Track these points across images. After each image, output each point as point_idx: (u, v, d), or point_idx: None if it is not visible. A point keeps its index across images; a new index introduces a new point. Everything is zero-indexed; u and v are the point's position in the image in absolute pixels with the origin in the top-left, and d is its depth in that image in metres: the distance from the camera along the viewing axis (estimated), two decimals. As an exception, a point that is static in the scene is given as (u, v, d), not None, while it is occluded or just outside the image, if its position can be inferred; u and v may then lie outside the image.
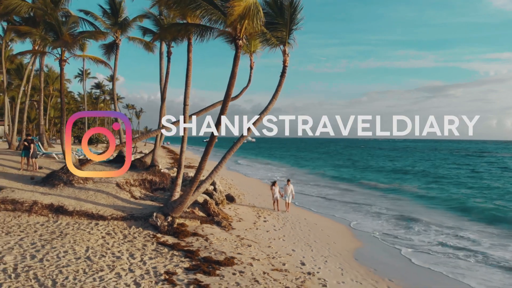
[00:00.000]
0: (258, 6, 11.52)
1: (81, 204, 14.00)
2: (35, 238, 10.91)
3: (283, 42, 15.09)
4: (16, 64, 43.70)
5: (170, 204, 13.91)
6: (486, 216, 21.33)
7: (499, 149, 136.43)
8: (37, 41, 25.49)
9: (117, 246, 10.90)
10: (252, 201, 22.48)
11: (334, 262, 12.32)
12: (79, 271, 8.68)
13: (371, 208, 23.03)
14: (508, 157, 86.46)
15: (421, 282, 11.47)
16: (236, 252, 11.67)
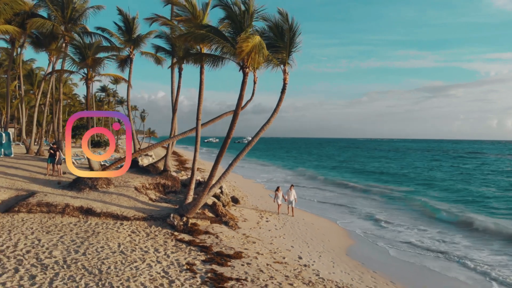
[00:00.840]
0: (262, 44, 13.44)
1: (107, 206, 15.98)
2: (73, 236, 12.87)
3: (283, 62, 16.99)
4: (27, 70, 45.73)
5: (185, 206, 15.87)
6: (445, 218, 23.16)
7: (493, 150, 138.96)
8: (53, 53, 27.49)
9: (143, 242, 12.87)
10: (255, 202, 24.46)
11: (327, 256, 14.32)
12: (117, 262, 10.64)
13: (363, 209, 25.03)
14: (495, 158, 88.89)
15: (401, 273, 13.46)
16: (243, 247, 13.63)
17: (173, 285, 9.43)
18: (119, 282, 9.25)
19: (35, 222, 14.14)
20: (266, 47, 16.14)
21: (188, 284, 9.53)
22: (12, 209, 15.11)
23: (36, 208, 15.21)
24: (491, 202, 29.23)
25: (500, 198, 30.97)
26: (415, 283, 12.66)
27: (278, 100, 17.27)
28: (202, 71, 16.14)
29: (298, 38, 16.91)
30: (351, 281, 11.87)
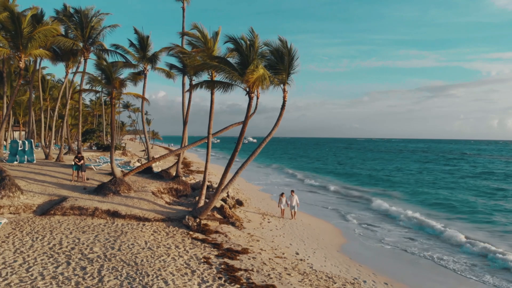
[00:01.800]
0: (265, 75, 15.84)
1: (130, 209, 18.39)
2: (105, 235, 15.27)
3: (283, 82, 19.35)
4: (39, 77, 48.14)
5: (198, 210, 18.27)
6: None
7: (489, 151, 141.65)
8: (70, 64, 29.89)
9: (164, 240, 15.27)
10: (257, 205, 26.85)
11: (320, 252, 16.72)
12: (148, 256, 13.04)
13: (354, 211, 27.42)
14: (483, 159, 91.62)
15: (383, 265, 15.84)
16: (249, 245, 16.03)
17: (195, 274, 11.83)
18: (153, 271, 11.66)
19: (70, 224, 16.55)
20: (267, 68, 18.61)
21: (206, 273, 11.93)
22: (49, 212, 17.53)
23: (70, 211, 17.63)
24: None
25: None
26: (394, 273, 15.03)
27: (278, 115, 19.66)
28: (213, 94, 18.52)
29: (296, 62, 19.28)
30: (339, 272, 14.28)
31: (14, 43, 18.16)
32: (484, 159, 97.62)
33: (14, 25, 18.07)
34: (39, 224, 16.21)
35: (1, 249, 12.85)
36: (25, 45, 18.24)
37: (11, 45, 18.23)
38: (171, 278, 11.25)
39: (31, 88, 29.41)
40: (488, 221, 25.54)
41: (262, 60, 18.02)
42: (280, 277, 12.34)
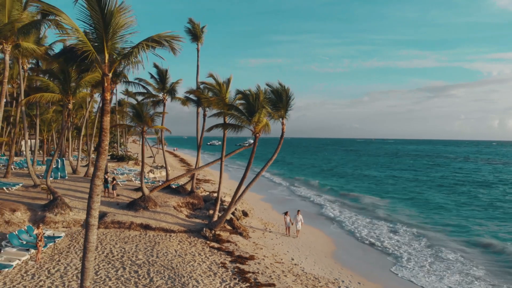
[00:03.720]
0: (268, 124, 20.19)
1: (158, 223, 22.76)
2: (143, 245, 19.62)
3: (281, 117, 23.65)
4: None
5: (213, 223, 22.63)
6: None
7: (487, 154, 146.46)
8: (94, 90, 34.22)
9: (189, 249, 19.62)
10: (260, 215, 31.17)
11: (311, 258, 21.08)
12: (180, 262, 17.37)
13: (346, 219, 31.74)
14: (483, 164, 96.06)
15: (362, 267, 20.14)
16: (254, 252, 20.36)
17: (216, 275, 16.18)
18: (186, 273, 16.01)
19: (113, 235, 20.91)
20: (268, 105, 22.93)
21: (225, 275, 16.28)
22: (94, 226, 21.87)
23: (111, 225, 22.00)
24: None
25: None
26: (368, 275, 19.33)
27: (278, 143, 23.94)
28: (225, 133, 22.77)
29: (292, 101, 23.70)
30: (324, 274, 18.62)
31: (64, 89, 22.43)
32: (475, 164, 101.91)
33: (64, 74, 22.36)
34: (89, 236, 20.58)
35: (70, 258, 17.23)
36: (73, 91, 22.56)
37: (61, 91, 22.51)
38: (200, 278, 15.61)
39: (68, 121, 33.66)
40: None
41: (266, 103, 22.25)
42: (279, 278, 16.69)
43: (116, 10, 7.81)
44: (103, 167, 9.26)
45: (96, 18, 7.79)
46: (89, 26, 8.05)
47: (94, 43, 8.11)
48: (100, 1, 7.59)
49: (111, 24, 7.83)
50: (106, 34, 7.94)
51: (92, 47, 8.00)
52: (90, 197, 9.32)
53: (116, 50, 8.42)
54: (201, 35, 28.93)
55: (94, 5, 7.69)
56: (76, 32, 7.93)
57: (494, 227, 30.03)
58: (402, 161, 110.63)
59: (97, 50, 8.09)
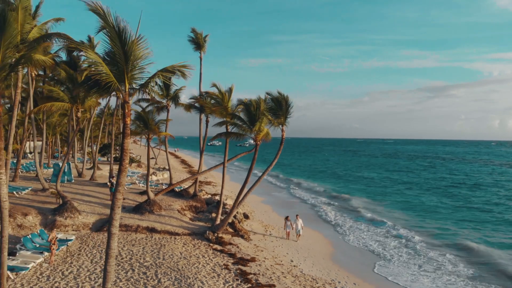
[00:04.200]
0: (269, 132, 21.21)
1: (163, 226, 23.77)
2: (150, 247, 20.63)
3: (281, 124, 24.69)
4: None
5: (216, 226, 23.65)
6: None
7: (485, 155, 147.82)
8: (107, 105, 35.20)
9: (193, 251, 20.63)
10: (260, 217, 32.17)
11: (310, 260, 22.08)
12: (185, 264, 18.39)
13: (344, 220, 32.76)
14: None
15: (359, 268, 21.17)
16: (255, 254, 21.37)
17: (220, 276, 17.20)
18: (191, 275, 17.03)
19: (121, 238, 21.91)
20: (269, 112, 23.93)
21: (228, 276, 17.29)
22: (102, 229, 22.90)
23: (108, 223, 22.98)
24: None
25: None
26: (367, 275, 20.33)
27: (277, 150, 24.92)
28: (227, 141, 23.77)
29: (291, 109, 24.72)
30: (322, 275, 19.63)
31: (72, 98, 23.41)
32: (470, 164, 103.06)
33: (73, 83, 23.34)
34: (98, 239, 21.60)
35: (81, 260, 18.25)
36: (82, 99, 23.57)
37: (70, 100, 23.48)
38: (205, 279, 16.63)
39: (77, 129, 34.66)
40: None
41: (266, 111, 23.25)
42: (278, 279, 17.71)
43: (134, 42, 8.79)
44: (124, 183, 10.26)
45: (118, 52, 8.79)
46: (111, 59, 9.05)
47: (115, 74, 9.11)
48: (122, 38, 8.59)
49: (130, 57, 8.82)
50: (126, 66, 8.94)
51: (114, 78, 9.00)
52: (112, 209, 10.33)
53: (135, 80, 9.41)
54: (203, 44, 29.94)
55: (116, 41, 8.67)
56: (100, 65, 8.94)
57: (483, 231, 30.96)
58: (399, 162, 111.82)
59: (118, 80, 9.10)
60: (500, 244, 26.93)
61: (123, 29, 8.65)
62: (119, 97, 9.38)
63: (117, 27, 8.63)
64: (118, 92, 9.33)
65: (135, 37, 8.83)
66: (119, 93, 9.31)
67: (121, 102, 9.43)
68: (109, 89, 9.18)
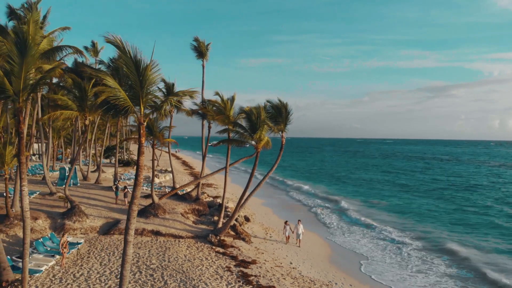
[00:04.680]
0: (269, 141, 22.15)
1: (168, 229, 24.71)
2: (155, 250, 21.56)
3: (281, 130, 25.61)
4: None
5: (218, 229, 24.59)
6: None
7: (474, 155, 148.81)
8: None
9: (197, 254, 21.57)
10: (261, 219, 33.11)
11: (308, 262, 23.03)
12: (189, 266, 19.33)
13: (342, 222, 33.71)
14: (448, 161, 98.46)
15: (354, 271, 22.11)
16: (256, 257, 22.30)
17: (223, 278, 18.14)
18: (196, 276, 17.97)
19: (127, 241, 22.84)
20: (269, 119, 24.87)
21: (230, 278, 18.24)
22: (109, 233, 23.85)
23: (124, 231, 23.92)
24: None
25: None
26: (363, 277, 21.27)
27: (278, 155, 25.79)
28: (229, 148, 24.75)
29: (291, 116, 25.62)
30: (319, 276, 20.58)
31: (80, 106, 24.35)
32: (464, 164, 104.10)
33: (81, 92, 24.28)
34: (105, 242, 22.55)
35: (91, 263, 19.20)
36: (90, 108, 24.52)
37: (78, 108, 24.42)
38: (209, 281, 17.58)
39: (86, 135, 35.60)
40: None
41: (266, 118, 24.16)
42: (278, 281, 18.66)
43: (148, 69, 9.73)
44: (138, 196, 11.21)
45: (134, 79, 9.72)
46: (128, 85, 9.99)
47: (131, 98, 10.04)
48: (138, 68, 9.52)
49: (145, 84, 9.75)
50: (142, 92, 9.87)
51: (131, 103, 9.96)
52: (128, 219, 11.29)
53: (148, 103, 10.35)
54: (206, 52, 30.85)
55: (132, 69, 9.60)
56: (118, 91, 9.88)
57: (473, 235, 31.78)
58: (396, 163, 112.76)
59: (134, 104, 10.04)
60: (488, 248, 27.72)
61: (139, 60, 9.59)
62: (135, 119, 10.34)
63: (134, 58, 9.58)
64: (133, 114, 10.27)
65: (149, 63, 9.77)
66: (134, 114, 10.25)
67: (137, 123, 10.34)
68: (126, 112, 10.13)
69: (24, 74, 10.81)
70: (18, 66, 10.68)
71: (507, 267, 23.55)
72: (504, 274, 22.02)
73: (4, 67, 11.01)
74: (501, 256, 25.70)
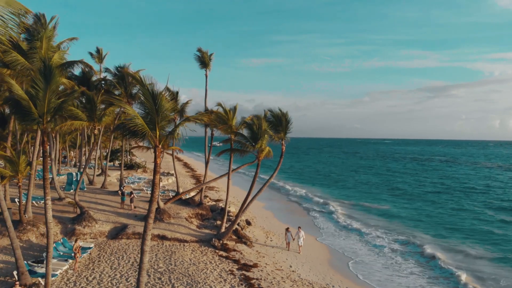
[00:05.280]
0: (270, 151, 23.32)
1: (173, 233, 25.89)
2: (162, 254, 22.73)
3: (281, 138, 26.78)
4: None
5: (221, 234, 25.77)
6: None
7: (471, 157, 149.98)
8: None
9: (201, 257, 22.74)
10: (262, 223, 34.27)
11: (307, 265, 24.20)
12: (195, 269, 20.50)
13: (341, 226, 34.87)
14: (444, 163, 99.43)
15: (351, 274, 23.27)
16: (257, 260, 23.46)
17: (226, 281, 19.31)
18: (201, 280, 19.14)
19: (134, 245, 24.04)
20: (270, 128, 26.03)
21: (233, 281, 19.41)
22: (117, 237, 25.03)
23: (132, 236, 25.14)
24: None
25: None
26: (357, 280, 22.44)
27: (278, 162, 26.91)
28: (231, 157, 25.94)
29: (290, 126, 26.78)
30: (317, 279, 21.75)
31: (90, 116, 25.53)
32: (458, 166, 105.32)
33: (90, 104, 25.45)
34: (114, 246, 23.73)
35: (102, 266, 20.38)
36: (99, 118, 25.68)
37: (88, 118, 25.57)
38: (213, 284, 18.75)
39: (95, 145, 36.73)
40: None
41: (267, 127, 25.33)
42: (278, 284, 19.83)
43: (163, 98, 10.93)
44: (154, 210, 12.38)
45: (151, 108, 10.91)
46: (145, 112, 11.17)
47: (147, 123, 11.24)
48: (155, 99, 10.70)
49: (161, 112, 10.93)
50: (158, 118, 11.06)
51: (148, 129, 11.14)
52: (144, 232, 12.47)
53: (163, 128, 11.53)
54: (209, 62, 32.03)
55: (149, 100, 10.78)
56: (137, 118, 11.06)
57: (465, 239, 33.06)
58: (394, 166, 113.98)
59: (151, 129, 11.23)
60: (473, 252, 28.69)
61: (156, 93, 10.77)
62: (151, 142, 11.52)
63: (151, 90, 10.77)
64: (150, 138, 11.46)
65: (163, 92, 10.96)
66: (150, 138, 11.44)
67: (153, 146, 11.53)
68: (144, 136, 11.32)
69: (48, 98, 11.98)
70: (42, 91, 11.85)
71: (486, 272, 24.69)
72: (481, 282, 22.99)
73: (29, 91, 12.16)
74: (484, 262, 26.69)
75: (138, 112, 11.32)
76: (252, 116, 27.16)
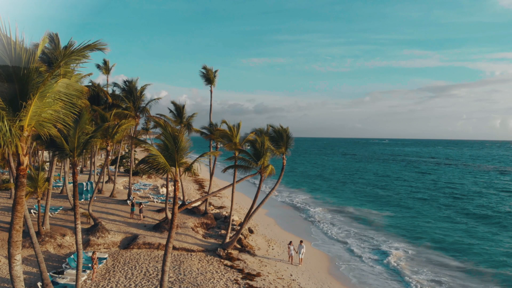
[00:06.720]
0: (273, 168, 24.99)
1: (180, 243, 27.57)
2: (171, 263, 24.39)
3: (282, 153, 28.48)
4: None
5: (226, 244, 27.45)
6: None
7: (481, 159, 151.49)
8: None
9: (207, 267, 24.43)
10: (264, 231, 35.92)
11: (307, 274, 25.87)
12: (202, 279, 22.18)
13: (340, 232, 36.51)
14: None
15: (349, 281, 24.94)
16: (260, 269, 25.14)
17: (232, 291, 21.00)
18: (209, 289, 20.84)
19: (145, 255, 25.74)
20: (271, 142, 27.71)
21: (238, 290, 21.10)
22: (129, 247, 26.72)
23: (142, 246, 26.83)
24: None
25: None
26: (355, 286, 24.12)
27: (278, 176, 28.59)
28: (235, 172, 27.67)
29: (291, 141, 28.46)
30: (316, 287, 23.44)
31: (103, 134, 27.24)
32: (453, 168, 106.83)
33: (103, 121, 27.13)
34: (126, 256, 25.43)
35: (117, 276, 22.07)
36: (112, 135, 27.39)
37: (101, 135, 27.29)
38: (220, 294, 20.44)
39: (108, 160, 38.63)
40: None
41: (269, 143, 26.99)
42: (280, 292, 21.52)
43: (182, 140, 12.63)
44: (173, 237, 14.08)
45: (171, 147, 12.60)
46: (165, 151, 12.90)
47: (167, 159, 12.96)
48: (175, 140, 12.39)
49: (179, 151, 12.63)
50: (177, 156, 12.78)
51: (168, 165, 12.84)
52: (165, 254, 14.19)
53: (181, 164, 13.25)
54: (213, 79, 33.73)
55: (170, 141, 12.47)
56: (159, 157, 12.76)
57: (459, 245, 34.71)
58: (393, 167, 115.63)
59: (171, 165, 12.94)
60: (466, 257, 30.56)
61: (176, 137, 12.46)
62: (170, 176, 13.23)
63: (172, 133, 12.47)
64: (170, 173, 13.17)
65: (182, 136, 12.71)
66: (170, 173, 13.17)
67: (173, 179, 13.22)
68: (164, 172, 13.03)
69: (78, 135, 13.65)
70: (73, 130, 13.52)
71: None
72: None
73: (61, 130, 13.77)
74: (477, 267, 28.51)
75: (157, 148, 13.04)
76: (254, 132, 28.86)
